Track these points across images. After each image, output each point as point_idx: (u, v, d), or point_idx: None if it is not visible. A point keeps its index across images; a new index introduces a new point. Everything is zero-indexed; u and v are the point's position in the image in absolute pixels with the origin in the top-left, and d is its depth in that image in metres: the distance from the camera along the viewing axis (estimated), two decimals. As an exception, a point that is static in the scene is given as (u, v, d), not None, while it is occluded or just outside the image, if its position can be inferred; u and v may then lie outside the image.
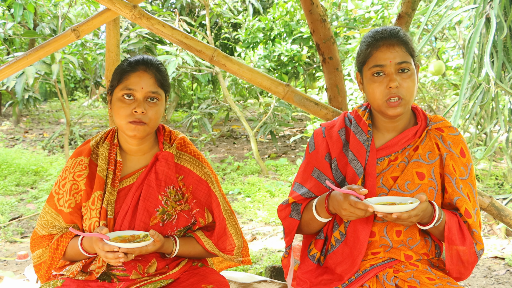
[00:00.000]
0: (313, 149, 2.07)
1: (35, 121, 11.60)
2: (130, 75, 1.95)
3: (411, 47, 1.91)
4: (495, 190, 5.34)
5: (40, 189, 6.03)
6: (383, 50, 1.86)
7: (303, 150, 7.70)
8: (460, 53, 7.28)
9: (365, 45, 1.92)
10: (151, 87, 1.96)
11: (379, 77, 1.88)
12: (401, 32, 1.91)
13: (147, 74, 1.96)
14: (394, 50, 1.86)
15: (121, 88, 1.96)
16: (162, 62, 2.07)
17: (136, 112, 1.92)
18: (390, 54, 1.86)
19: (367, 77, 1.92)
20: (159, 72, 2.00)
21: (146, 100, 1.96)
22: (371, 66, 1.88)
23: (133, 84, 1.94)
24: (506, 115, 5.32)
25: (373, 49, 1.88)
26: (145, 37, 7.05)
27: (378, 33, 1.91)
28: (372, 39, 1.90)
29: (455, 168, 1.92)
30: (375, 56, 1.87)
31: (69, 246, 2.04)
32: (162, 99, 2.01)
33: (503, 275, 3.72)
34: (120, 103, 1.95)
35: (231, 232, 2.17)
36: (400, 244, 1.93)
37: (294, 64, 8.57)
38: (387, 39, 1.87)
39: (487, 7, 4.88)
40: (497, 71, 5.07)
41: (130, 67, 1.97)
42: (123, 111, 1.95)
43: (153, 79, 1.96)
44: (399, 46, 1.87)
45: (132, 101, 1.95)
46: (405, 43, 1.89)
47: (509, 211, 2.53)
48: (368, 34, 1.95)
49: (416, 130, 1.97)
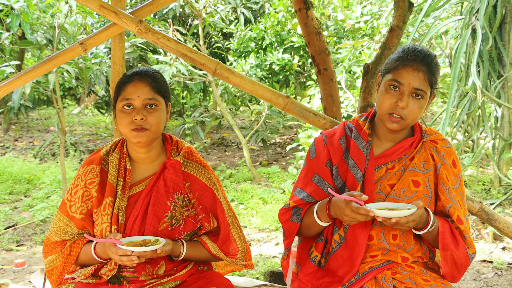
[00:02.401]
0: (314, 155, 2.16)
1: (24, 129, 11.57)
2: (127, 86, 2.07)
3: (435, 79, 1.99)
4: (483, 195, 5.47)
5: (34, 197, 6.05)
6: (408, 70, 1.95)
7: (294, 157, 7.80)
8: (447, 61, 7.44)
9: (397, 57, 2.00)
10: (147, 94, 2.06)
11: (393, 91, 1.97)
12: (432, 62, 1.99)
13: (142, 82, 2.07)
14: (418, 75, 1.94)
15: (121, 100, 2.08)
16: (159, 73, 2.17)
17: (136, 119, 2.03)
18: (412, 78, 1.94)
19: (385, 84, 2.01)
20: (154, 80, 2.11)
21: (145, 108, 2.06)
22: (391, 79, 1.97)
23: (130, 94, 2.06)
24: (492, 123, 5.47)
25: (400, 64, 1.97)
26: (139, 47, 7.14)
27: (413, 52, 1.98)
28: (405, 55, 1.98)
29: (448, 177, 2.04)
30: (399, 72, 1.96)
31: (82, 252, 2.12)
32: (162, 105, 2.11)
33: (491, 278, 3.84)
34: (122, 113, 2.07)
35: (234, 237, 2.26)
36: (397, 247, 2.04)
37: (285, 73, 8.69)
38: (417, 62, 1.95)
39: (472, 18, 5.03)
40: (483, 80, 5.23)
41: (127, 79, 2.10)
42: (124, 120, 2.06)
43: (148, 87, 2.07)
44: (424, 74, 1.95)
45: (131, 110, 2.06)
46: (431, 73, 1.97)
47: (498, 216, 2.65)
48: (406, 46, 2.03)
49: (412, 141, 2.08)
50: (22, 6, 5.21)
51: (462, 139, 5.67)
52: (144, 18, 2.57)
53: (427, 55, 1.98)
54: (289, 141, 9.39)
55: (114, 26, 2.57)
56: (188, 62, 7.32)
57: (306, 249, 2.21)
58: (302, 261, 2.20)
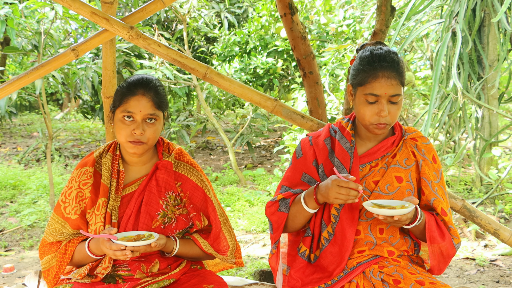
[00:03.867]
0: (300, 155, 2.25)
1: (7, 135, 11.49)
2: (130, 99, 2.10)
3: (404, 76, 2.06)
4: (465, 195, 5.58)
5: (20, 203, 6.04)
6: (381, 82, 2.00)
7: (279, 160, 7.88)
8: (428, 63, 7.57)
9: (364, 70, 2.04)
10: (149, 110, 2.11)
11: (372, 104, 2.03)
12: (398, 64, 2.04)
13: (145, 98, 2.11)
14: (391, 83, 2.00)
15: (122, 110, 2.12)
16: (160, 83, 2.22)
17: (135, 133, 2.09)
18: (387, 88, 2.00)
19: (360, 97, 2.06)
20: (157, 94, 2.15)
21: (144, 121, 2.12)
22: (367, 93, 2.02)
23: (132, 107, 2.10)
24: (473, 124, 5.59)
25: (372, 78, 2.01)
26: (125, 52, 7.17)
27: (379, 61, 2.02)
28: (372, 68, 2.02)
29: (429, 172, 2.14)
30: (373, 86, 2.01)
31: (76, 250, 2.18)
32: (160, 118, 2.17)
33: (474, 275, 3.95)
34: (121, 123, 2.12)
35: (225, 235, 2.33)
36: (383, 241, 2.12)
37: (270, 76, 8.77)
38: (386, 70, 2.00)
39: (452, 21, 5.15)
40: (464, 82, 5.35)
41: (129, 91, 2.12)
42: (123, 131, 2.11)
43: (151, 103, 2.11)
44: (395, 79, 2.01)
45: (131, 122, 2.11)
46: (400, 74, 2.03)
47: (479, 213, 2.75)
48: (370, 57, 2.05)
49: (393, 140, 2.17)
50: (7, 12, 5.21)
51: (444, 140, 5.78)
52: (134, 25, 2.63)
53: (392, 59, 2.03)
54: (274, 144, 9.47)
55: (106, 32, 2.62)
56: (174, 67, 7.37)
57: (294, 248, 2.28)
58: (291, 261, 2.26)
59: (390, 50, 2.07)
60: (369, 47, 2.13)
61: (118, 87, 2.21)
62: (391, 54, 2.05)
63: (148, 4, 2.64)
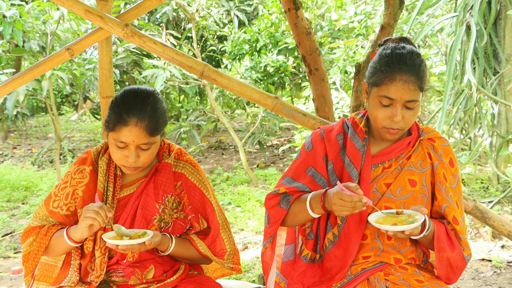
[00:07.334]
0: (310, 148, 2.12)
1: (23, 136, 11.57)
2: (122, 129, 1.96)
3: (424, 82, 1.91)
4: (481, 193, 5.45)
5: (31, 205, 6.04)
6: (397, 85, 1.86)
7: (291, 159, 7.78)
8: (443, 59, 7.43)
9: (381, 71, 1.90)
10: (143, 139, 1.97)
11: (385, 107, 1.90)
12: (420, 67, 1.89)
13: (139, 128, 1.95)
14: (408, 88, 1.86)
15: (114, 138, 1.99)
16: (157, 100, 2.04)
17: (128, 160, 1.99)
18: (403, 92, 1.86)
19: (374, 98, 1.93)
20: (152, 120, 1.98)
21: (138, 147, 2.00)
22: (381, 95, 1.89)
23: (125, 137, 1.96)
24: (489, 120, 5.44)
25: (388, 80, 1.87)
26: (133, 52, 7.13)
27: (398, 62, 1.88)
28: (390, 69, 1.88)
29: (446, 176, 2.00)
30: (388, 88, 1.88)
31: (54, 235, 2.08)
32: (157, 141, 2.06)
33: (490, 277, 3.81)
34: (114, 147, 2.01)
35: (223, 238, 2.25)
36: (390, 247, 2.01)
37: (280, 74, 8.68)
38: (405, 74, 1.86)
39: (467, 15, 5.01)
40: (479, 77, 5.20)
41: (121, 119, 1.96)
42: (116, 154, 2.02)
43: (144, 132, 1.97)
44: (414, 83, 1.87)
45: (125, 147, 1.99)
46: (420, 79, 1.89)
47: (492, 214, 2.62)
48: (389, 55, 1.91)
49: (409, 140, 2.04)
50: (14, 14, 5.19)
51: (459, 137, 5.65)
52: (130, 22, 2.55)
53: (413, 62, 1.89)
54: (286, 143, 9.38)
55: (101, 30, 2.56)
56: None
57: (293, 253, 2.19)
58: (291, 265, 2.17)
59: (413, 51, 1.91)
60: (392, 44, 1.98)
61: (113, 102, 2.05)
62: (413, 56, 1.89)
63: (143, 0, 2.56)
